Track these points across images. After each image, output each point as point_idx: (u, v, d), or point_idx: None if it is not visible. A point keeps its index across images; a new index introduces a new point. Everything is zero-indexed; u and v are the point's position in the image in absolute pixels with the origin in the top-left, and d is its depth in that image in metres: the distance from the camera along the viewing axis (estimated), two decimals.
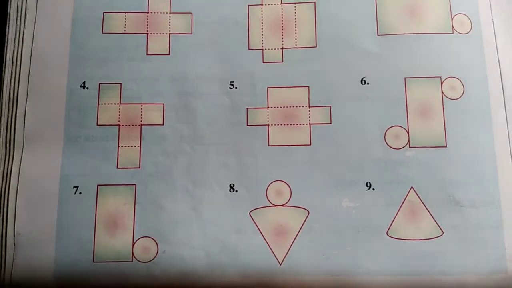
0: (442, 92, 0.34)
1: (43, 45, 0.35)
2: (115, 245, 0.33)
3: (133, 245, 0.33)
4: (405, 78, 0.34)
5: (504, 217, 0.32)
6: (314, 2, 0.36)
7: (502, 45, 0.35)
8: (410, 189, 0.33)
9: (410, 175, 0.33)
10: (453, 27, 0.35)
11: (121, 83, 0.35)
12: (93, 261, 0.32)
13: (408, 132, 0.34)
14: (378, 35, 0.35)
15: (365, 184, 0.33)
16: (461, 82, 0.34)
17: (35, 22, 0.35)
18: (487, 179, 0.33)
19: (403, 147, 0.34)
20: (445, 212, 0.33)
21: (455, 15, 0.35)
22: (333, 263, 0.32)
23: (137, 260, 0.33)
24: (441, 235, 0.32)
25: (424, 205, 0.33)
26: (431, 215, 0.33)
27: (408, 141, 0.34)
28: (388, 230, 0.33)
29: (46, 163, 0.34)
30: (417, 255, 0.32)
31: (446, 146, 0.33)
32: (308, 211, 0.33)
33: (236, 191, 0.33)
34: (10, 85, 0.34)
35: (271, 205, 0.33)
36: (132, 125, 0.34)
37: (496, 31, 0.35)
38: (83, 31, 0.35)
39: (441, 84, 0.34)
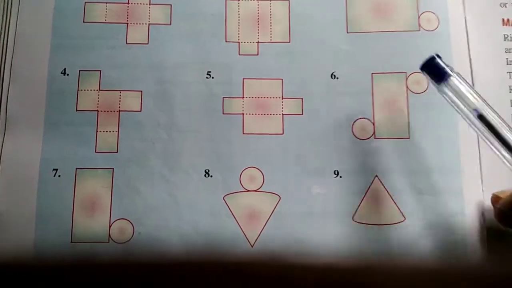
0: (407, 87, 0.36)
1: (25, 34, 0.36)
2: (93, 226, 0.34)
3: (109, 226, 0.34)
4: (372, 73, 0.36)
5: (466, 205, 0.34)
6: (288, 0, 0.37)
7: (474, 41, 0.37)
8: (375, 178, 0.35)
9: (375, 164, 0.35)
10: (419, 24, 0.37)
11: (100, 70, 0.36)
12: (71, 241, 0.33)
13: (373, 124, 0.36)
14: (347, 33, 0.37)
15: (333, 172, 0.35)
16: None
17: (18, 11, 0.36)
18: (449, 169, 0.35)
19: (368, 138, 0.36)
20: (407, 199, 0.35)
21: (422, 13, 0.37)
22: (302, 246, 0.34)
23: (113, 241, 0.34)
24: (403, 221, 0.34)
25: (388, 193, 0.35)
26: (394, 202, 0.35)
27: (374, 132, 0.36)
28: (354, 216, 0.34)
29: (27, 146, 0.34)
30: (381, 239, 0.34)
31: (409, 138, 0.35)
32: (279, 197, 0.35)
33: (211, 176, 0.35)
34: None
35: (244, 190, 0.35)
36: (111, 111, 0.35)
37: (468, 27, 0.37)
38: (65, 20, 0.36)
39: (406, 79, 0.36)
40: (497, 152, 0.30)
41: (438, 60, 0.31)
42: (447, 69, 0.31)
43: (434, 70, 0.31)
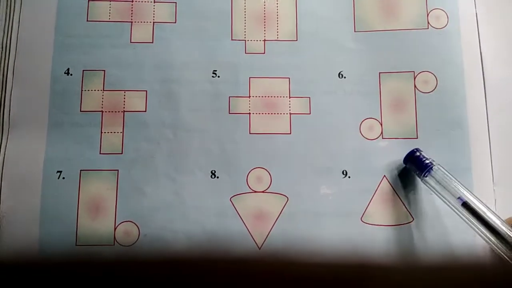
0: (415, 86, 0.36)
1: (28, 32, 0.35)
2: (98, 229, 0.33)
3: (115, 229, 0.33)
4: (379, 72, 0.36)
5: None
6: None
7: (484, 36, 0.36)
8: (383, 178, 0.35)
9: (383, 164, 0.35)
10: (428, 22, 0.36)
11: (104, 70, 0.35)
12: (76, 244, 0.33)
13: (381, 124, 0.35)
14: (355, 31, 0.36)
15: (341, 172, 0.35)
16: (435, 76, 0.35)
17: (20, 9, 0.35)
18: (460, 168, 0.34)
19: (376, 138, 0.35)
20: (416, 199, 0.34)
21: (431, 10, 0.36)
22: (310, 247, 0.34)
23: (119, 243, 0.33)
24: (412, 221, 0.34)
25: (396, 193, 0.34)
26: (402, 202, 0.34)
27: (381, 132, 0.35)
28: (362, 216, 0.34)
29: (30, 147, 0.34)
30: (389, 240, 0.34)
31: (417, 138, 0.35)
32: (287, 197, 0.34)
33: (218, 177, 0.34)
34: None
35: (252, 191, 0.34)
36: (115, 112, 0.35)
37: (479, 23, 0.36)
38: (68, 18, 0.36)
39: (414, 78, 0.36)
40: (484, 237, 0.31)
41: (419, 153, 0.33)
42: (429, 161, 0.33)
43: (417, 163, 0.33)
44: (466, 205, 0.31)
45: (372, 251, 0.34)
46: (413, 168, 0.33)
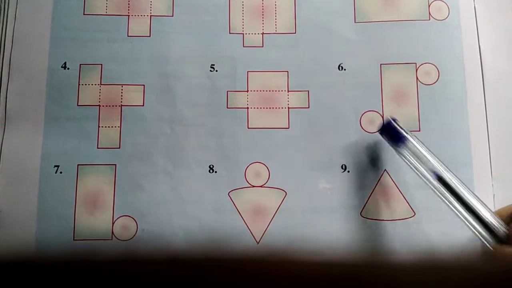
0: (417, 78, 0.35)
1: (24, 26, 0.35)
2: (95, 224, 0.33)
3: (112, 223, 0.33)
4: (380, 64, 0.35)
5: None
6: None
7: (483, 30, 0.35)
8: (384, 172, 0.34)
9: (384, 158, 0.34)
10: (430, 13, 0.36)
11: (101, 64, 0.35)
12: (74, 239, 0.33)
13: (382, 117, 0.35)
14: (355, 22, 0.36)
15: (340, 167, 0.34)
16: (436, 68, 0.35)
17: (17, 3, 0.35)
18: (460, 162, 0.34)
19: (377, 131, 0.34)
20: (417, 194, 0.34)
21: (432, 2, 0.36)
22: (308, 242, 0.33)
23: (116, 238, 0.33)
24: (413, 216, 0.33)
25: (397, 187, 0.34)
26: (403, 197, 0.34)
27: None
28: (361, 211, 0.34)
29: (27, 142, 0.34)
30: (390, 235, 0.33)
31: (419, 130, 0.34)
32: (285, 192, 0.34)
33: (216, 172, 0.34)
34: None
35: (250, 185, 0.34)
36: (113, 106, 0.35)
37: (477, 16, 0.36)
38: (65, 12, 0.36)
39: (416, 70, 0.35)
40: (457, 213, 0.30)
41: (395, 123, 0.32)
42: (404, 131, 0.31)
43: (391, 133, 0.32)
44: (441, 180, 0.30)
45: (372, 246, 0.33)
46: (387, 139, 0.32)
